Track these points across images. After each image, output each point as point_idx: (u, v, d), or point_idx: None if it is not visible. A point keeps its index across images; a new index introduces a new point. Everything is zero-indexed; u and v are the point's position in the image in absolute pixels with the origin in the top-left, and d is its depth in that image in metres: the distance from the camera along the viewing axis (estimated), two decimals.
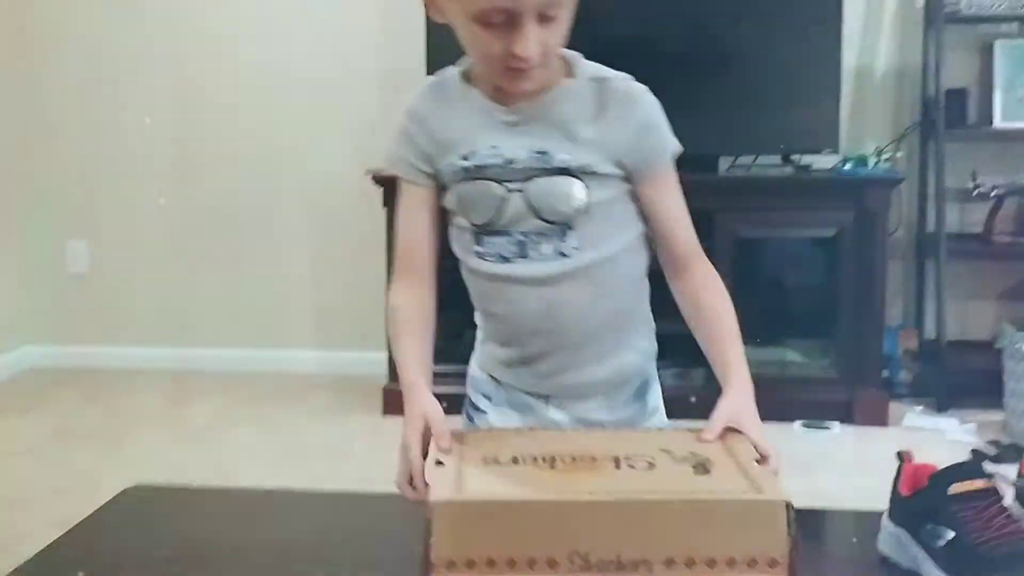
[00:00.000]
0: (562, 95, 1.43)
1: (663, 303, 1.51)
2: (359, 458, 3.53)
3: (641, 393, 1.57)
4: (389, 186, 3.88)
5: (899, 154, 3.98)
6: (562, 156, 1.41)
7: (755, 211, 3.74)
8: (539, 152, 1.42)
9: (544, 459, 1.11)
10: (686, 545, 0.97)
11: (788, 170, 3.86)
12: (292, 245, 4.51)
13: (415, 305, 1.49)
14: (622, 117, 1.42)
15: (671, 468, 1.08)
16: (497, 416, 1.56)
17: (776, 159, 3.92)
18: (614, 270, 1.48)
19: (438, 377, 1.43)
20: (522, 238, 1.45)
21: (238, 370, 4.47)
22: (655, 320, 1.56)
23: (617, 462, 1.10)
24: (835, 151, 3.83)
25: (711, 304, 1.42)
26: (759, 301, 3.93)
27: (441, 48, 1.55)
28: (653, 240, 1.49)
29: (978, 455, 3.41)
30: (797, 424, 3.67)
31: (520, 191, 1.43)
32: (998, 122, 3.96)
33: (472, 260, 1.49)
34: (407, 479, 1.30)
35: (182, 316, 4.60)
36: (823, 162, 3.86)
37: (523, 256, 1.45)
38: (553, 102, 1.42)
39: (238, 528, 1.37)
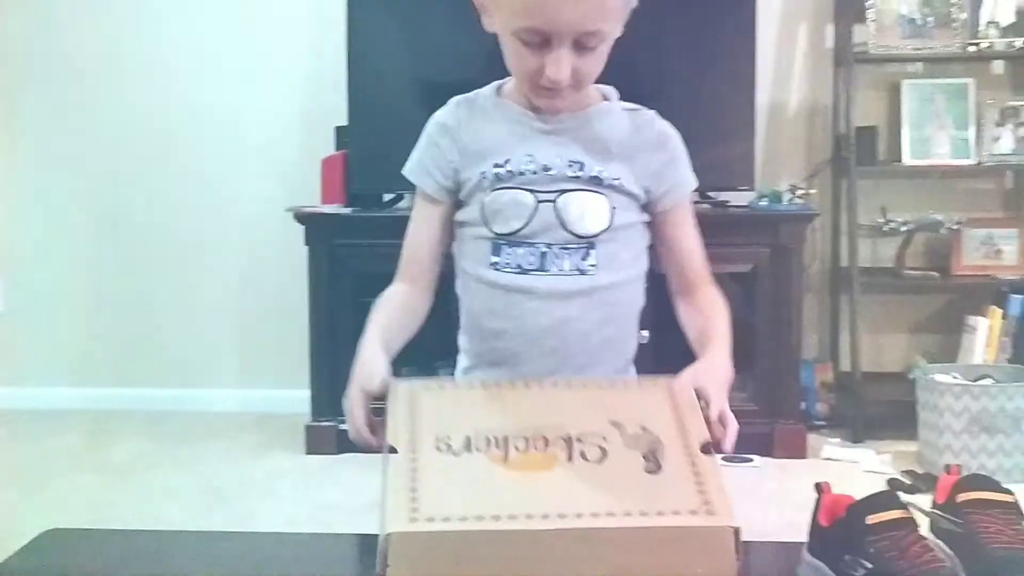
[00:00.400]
0: (598, 114, 1.49)
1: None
2: (283, 497, 3.49)
3: None
4: (311, 224, 3.87)
5: (812, 191, 4.08)
6: (597, 168, 1.46)
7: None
8: (574, 162, 1.46)
9: (498, 443, 1.13)
10: (637, 567, 1.01)
11: (705, 207, 3.94)
12: (215, 284, 4.46)
13: (401, 294, 1.52)
14: (654, 145, 1.51)
15: (622, 459, 1.11)
16: None
17: (694, 196, 3.98)
18: (622, 297, 1.52)
19: None
20: (545, 250, 1.47)
21: (160, 410, 4.39)
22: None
23: (569, 448, 1.12)
24: (751, 188, 3.91)
25: (709, 311, 1.50)
26: (677, 336, 3.98)
27: (364, 92, 1.57)
28: (667, 267, 1.56)
29: (894, 485, 3.49)
30: (718, 457, 3.71)
31: (551, 201, 1.45)
32: (907, 159, 4.08)
33: (486, 271, 1.50)
34: (357, 432, 1.33)
35: (103, 355, 4.51)
36: (739, 199, 3.94)
37: (542, 269, 1.47)
38: (589, 118, 1.48)
39: (160, 570, 1.35)
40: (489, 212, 1.48)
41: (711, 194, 3.96)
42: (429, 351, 1.71)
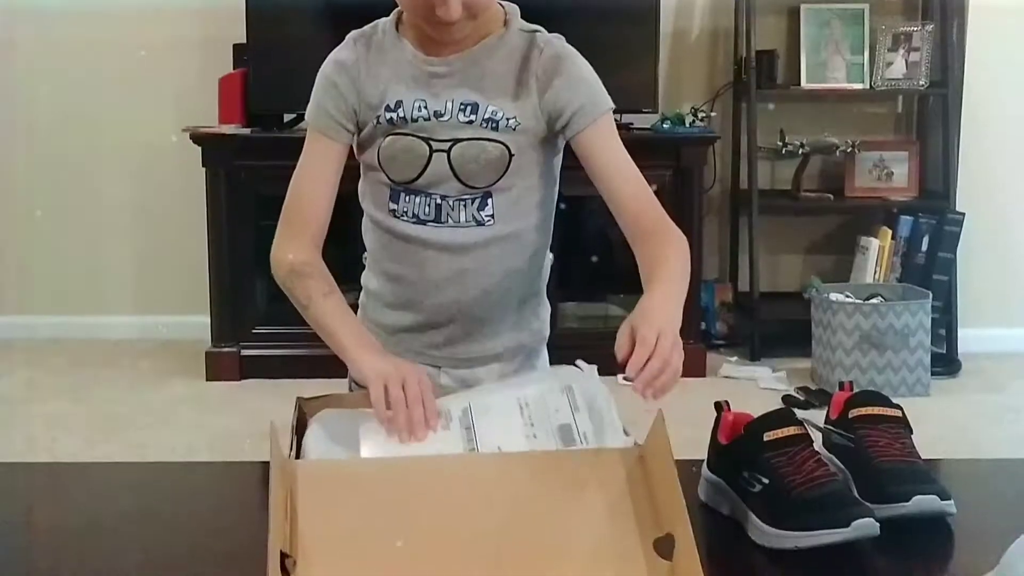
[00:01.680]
0: (492, 48, 1.42)
1: None
2: (182, 425, 3.45)
3: (530, 359, 1.58)
4: (208, 146, 3.77)
5: (713, 114, 4.11)
6: (491, 108, 1.41)
7: (577, 169, 3.80)
8: (466, 104, 1.40)
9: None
10: None
11: None
12: (110, 207, 4.32)
13: (318, 268, 1.43)
14: (549, 71, 1.42)
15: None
16: None
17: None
18: (524, 246, 1.48)
19: (320, 340, 1.38)
20: (440, 201, 1.43)
21: (53, 337, 4.27)
22: None
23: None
24: (654, 111, 3.93)
25: (656, 256, 1.36)
26: (582, 258, 4.02)
27: (263, 8, 1.51)
28: (611, 209, 1.43)
29: (789, 402, 3.59)
30: (619, 377, 3.77)
31: (444, 151, 1.41)
32: (804, 83, 4.14)
33: (385, 216, 1.46)
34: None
35: None
36: (642, 121, 3.95)
37: (438, 220, 1.43)
38: (483, 54, 1.41)
39: (51, 504, 1.32)
40: (384, 159, 1.44)
41: (615, 116, 3.96)
42: (335, 279, 1.68)
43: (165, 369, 3.98)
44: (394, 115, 1.42)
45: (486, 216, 1.44)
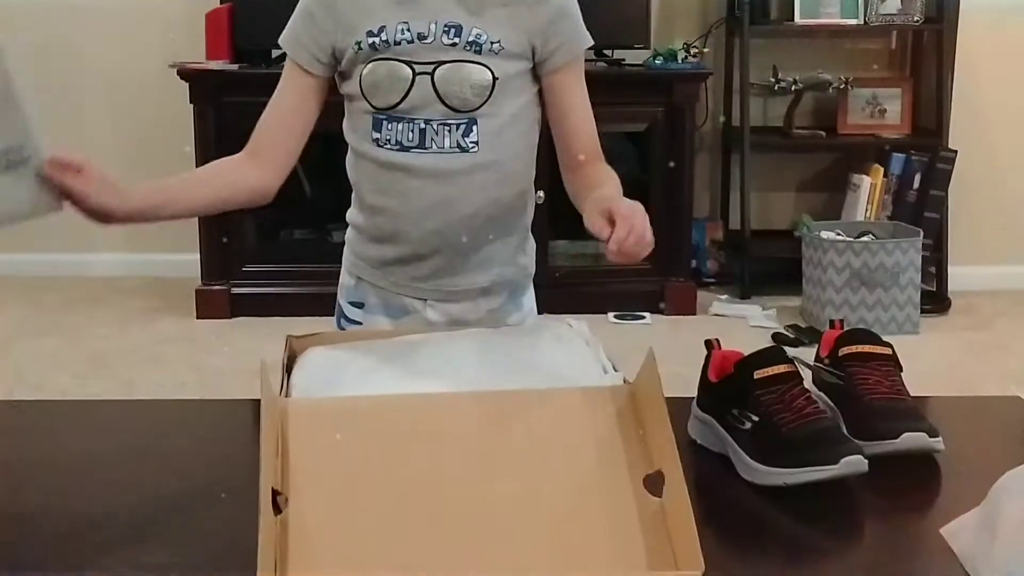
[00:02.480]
0: None
1: None
2: (172, 363, 3.45)
3: (516, 296, 1.58)
4: (196, 82, 3.73)
5: (706, 50, 4.07)
6: (475, 31, 1.39)
7: None
8: (450, 25, 1.39)
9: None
10: None
11: (601, 65, 3.90)
12: (96, 144, 4.27)
13: (222, 166, 1.45)
14: (538, 1, 1.41)
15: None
16: (371, 325, 1.53)
17: (589, 54, 3.95)
18: (507, 176, 1.47)
19: (309, 278, 1.38)
20: (424, 126, 1.42)
21: (41, 275, 4.26)
22: None
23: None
24: (646, 46, 3.89)
25: (602, 181, 1.41)
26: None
27: None
28: (556, 140, 1.47)
29: (778, 339, 3.61)
30: (610, 315, 3.79)
31: (428, 74, 1.40)
32: (798, 18, 4.09)
33: (368, 147, 1.45)
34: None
35: None
36: (634, 57, 3.92)
37: (422, 146, 1.42)
38: None
39: (43, 441, 1.32)
40: (367, 85, 1.42)
41: (606, 52, 3.93)
42: (322, 215, 1.67)
43: (155, 307, 3.97)
44: (376, 39, 1.41)
45: (471, 143, 1.43)
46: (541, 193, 1.58)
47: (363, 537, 0.92)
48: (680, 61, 3.92)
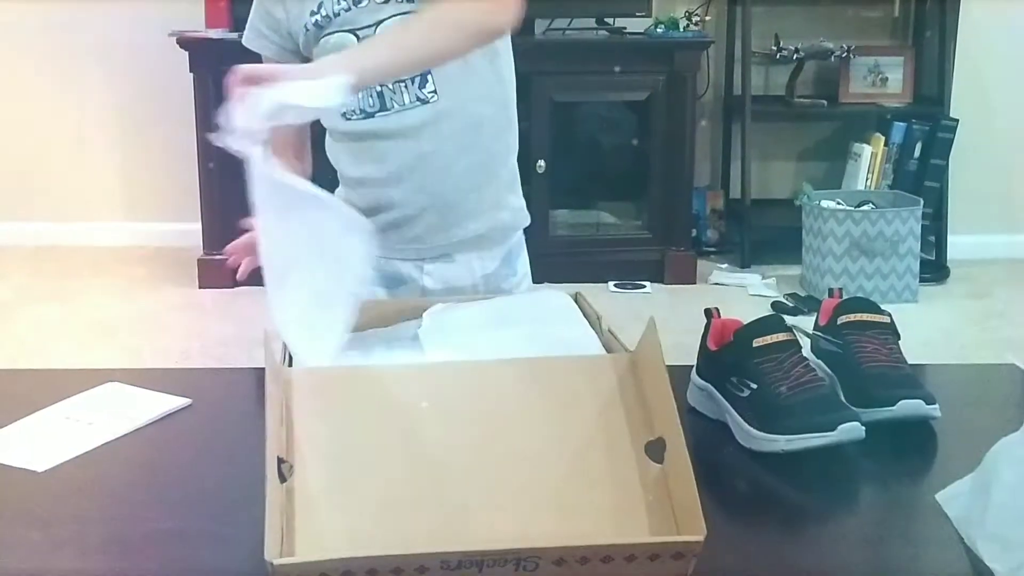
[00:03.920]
0: None
1: None
2: (175, 332, 3.46)
3: (511, 259, 1.59)
4: (195, 50, 3.72)
5: (708, 18, 4.05)
6: None
7: (570, 75, 3.77)
8: None
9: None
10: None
11: (603, 33, 3.89)
12: (98, 114, 4.28)
13: None
14: None
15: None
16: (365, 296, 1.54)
17: (590, 22, 3.94)
18: (475, 120, 1.48)
19: None
20: (380, 88, 1.43)
21: (44, 244, 4.26)
22: None
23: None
24: (648, 14, 3.87)
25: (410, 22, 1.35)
26: (574, 164, 4.00)
27: None
28: None
29: (777, 308, 3.62)
30: (611, 284, 3.79)
31: (371, 36, 1.41)
32: None
33: (338, 122, 1.48)
34: None
35: None
36: (636, 25, 3.90)
37: (384, 108, 1.45)
38: None
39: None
40: None
41: (608, 20, 3.91)
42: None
43: (157, 276, 3.98)
44: (318, 16, 1.43)
45: (429, 93, 1.44)
46: (542, 162, 1.59)
47: (368, 503, 0.93)
48: (682, 29, 3.90)
